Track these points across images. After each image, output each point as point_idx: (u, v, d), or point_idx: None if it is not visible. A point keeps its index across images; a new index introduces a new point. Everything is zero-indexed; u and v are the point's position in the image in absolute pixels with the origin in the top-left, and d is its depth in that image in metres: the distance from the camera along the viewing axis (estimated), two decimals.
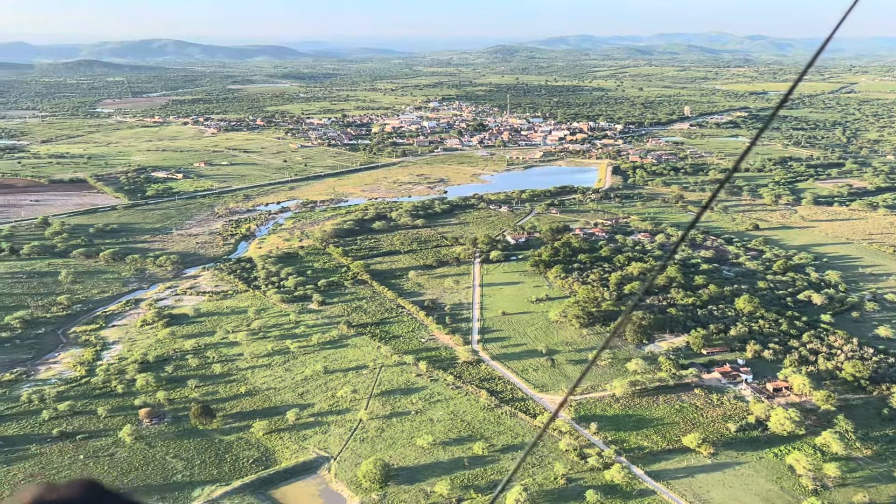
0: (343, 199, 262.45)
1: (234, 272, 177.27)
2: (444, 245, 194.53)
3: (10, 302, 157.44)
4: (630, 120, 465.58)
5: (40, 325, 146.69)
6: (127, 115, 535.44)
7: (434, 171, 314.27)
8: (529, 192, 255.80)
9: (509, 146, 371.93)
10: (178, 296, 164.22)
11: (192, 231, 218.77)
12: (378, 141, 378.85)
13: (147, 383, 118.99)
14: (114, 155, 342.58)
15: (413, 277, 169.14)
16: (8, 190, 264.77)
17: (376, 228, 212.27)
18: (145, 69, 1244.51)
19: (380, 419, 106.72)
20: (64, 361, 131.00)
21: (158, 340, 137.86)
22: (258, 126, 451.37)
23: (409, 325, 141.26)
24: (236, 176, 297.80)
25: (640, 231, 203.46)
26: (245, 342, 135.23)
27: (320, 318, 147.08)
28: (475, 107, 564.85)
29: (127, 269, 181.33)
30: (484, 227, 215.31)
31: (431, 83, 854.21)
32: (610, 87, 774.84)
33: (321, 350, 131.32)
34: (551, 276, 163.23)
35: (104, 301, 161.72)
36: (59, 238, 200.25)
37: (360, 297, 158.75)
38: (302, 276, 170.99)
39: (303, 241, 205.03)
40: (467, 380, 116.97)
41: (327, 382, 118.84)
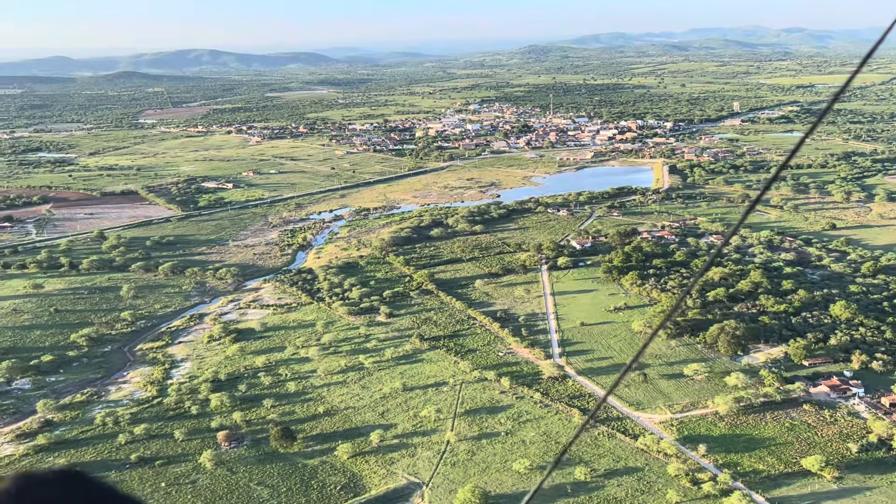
0: (395, 206, 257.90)
1: (295, 284, 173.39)
2: (507, 252, 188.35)
3: (74, 319, 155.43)
4: (678, 117, 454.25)
5: (106, 343, 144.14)
6: (170, 125, 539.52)
7: (484, 174, 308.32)
8: (587, 195, 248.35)
9: (557, 147, 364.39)
10: (242, 309, 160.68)
11: (248, 242, 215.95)
12: (423, 145, 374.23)
13: (222, 403, 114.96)
14: (162, 166, 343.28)
15: (480, 286, 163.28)
16: (62, 203, 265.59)
17: (434, 236, 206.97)
18: (183, 79, 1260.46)
19: (468, 441, 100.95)
20: (134, 381, 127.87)
21: (228, 357, 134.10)
22: (301, 133, 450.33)
23: (483, 338, 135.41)
24: (286, 184, 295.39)
25: (711, 233, 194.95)
26: (317, 358, 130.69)
27: (390, 331, 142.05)
28: (516, 108, 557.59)
29: (187, 282, 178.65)
30: (545, 231, 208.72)
31: (468, 85, 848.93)
32: (651, 84, 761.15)
33: (396, 365, 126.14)
34: (626, 284, 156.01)
35: (167, 316, 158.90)
36: (116, 252, 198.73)
37: (428, 308, 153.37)
38: (365, 286, 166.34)
39: (360, 249, 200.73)
40: (555, 397, 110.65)
41: (407, 401, 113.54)
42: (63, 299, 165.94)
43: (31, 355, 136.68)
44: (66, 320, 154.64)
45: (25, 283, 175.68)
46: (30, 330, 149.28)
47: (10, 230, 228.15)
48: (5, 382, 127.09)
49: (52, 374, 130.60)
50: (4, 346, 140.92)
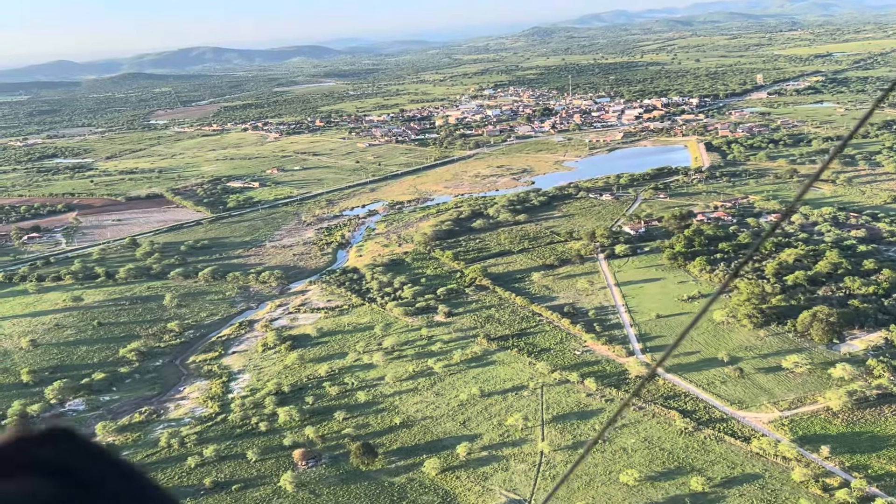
0: (429, 198, 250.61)
1: (343, 285, 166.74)
2: (558, 241, 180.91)
3: (119, 332, 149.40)
4: (702, 93, 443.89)
5: (156, 356, 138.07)
6: (183, 124, 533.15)
7: (513, 160, 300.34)
8: (627, 177, 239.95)
9: (584, 129, 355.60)
10: (292, 314, 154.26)
11: (285, 242, 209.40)
12: (446, 134, 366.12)
13: (291, 418, 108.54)
14: (183, 167, 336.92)
15: (538, 279, 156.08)
16: (88, 210, 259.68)
17: (477, 227, 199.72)
18: (188, 78, 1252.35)
19: (564, 451, 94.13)
20: (192, 397, 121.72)
21: (287, 367, 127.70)
22: (318, 127, 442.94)
23: (554, 336, 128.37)
24: (312, 181, 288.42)
25: (768, 212, 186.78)
26: (382, 364, 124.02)
27: (452, 331, 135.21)
28: (532, 91, 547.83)
29: (230, 287, 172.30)
30: (591, 218, 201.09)
31: (477, 70, 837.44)
32: (665, 61, 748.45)
33: (468, 369, 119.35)
34: (695, 270, 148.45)
35: (215, 325, 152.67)
36: (151, 259, 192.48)
37: (487, 304, 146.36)
38: (416, 284, 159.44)
39: (402, 245, 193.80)
40: (648, 398, 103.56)
41: (488, 408, 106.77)
42: (105, 311, 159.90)
43: (81, 373, 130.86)
44: (111, 334, 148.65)
45: (64, 295, 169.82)
46: (75, 346, 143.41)
47: (39, 240, 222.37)
48: (59, 404, 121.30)
49: (106, 393, 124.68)
50: (52, 365, 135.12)
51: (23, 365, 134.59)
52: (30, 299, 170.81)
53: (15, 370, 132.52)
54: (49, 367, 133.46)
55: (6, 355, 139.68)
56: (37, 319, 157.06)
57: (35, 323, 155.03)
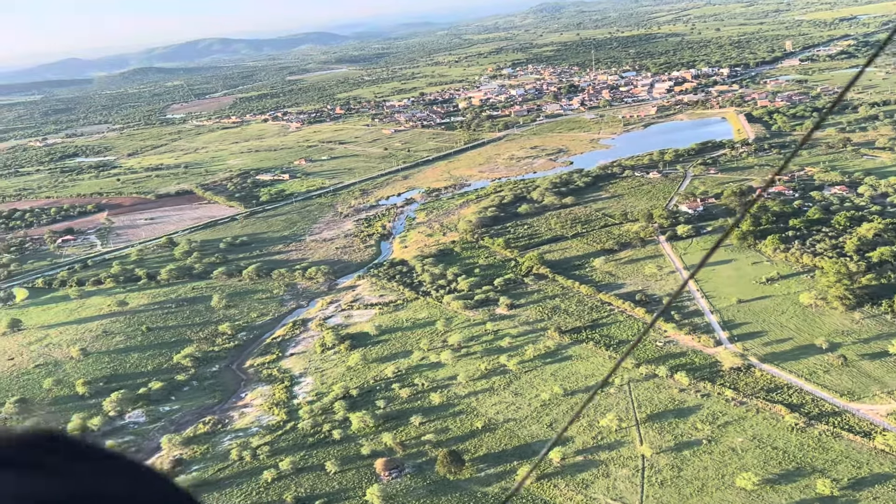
0: (465, 183, 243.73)
1: (393, 278, 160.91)
2: (612, 223, 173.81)
3: (169, 337, 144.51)
4: (731, 62, 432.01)
5: (212, 361, 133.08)
6: (201, 118, 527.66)
7: (546, 141, 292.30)
8: (672, 153, 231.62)
9: (615, 105, 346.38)
10: (345, 311, 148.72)
11: (325, 235, 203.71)
12: (472, 116, 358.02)
13: (365, 425, 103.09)
14: (208, 161, 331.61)
15: (600, 266, 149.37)
16: (118, 210, 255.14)
17: (523, 212, 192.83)
18: (198, 70, 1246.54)
19: (667, 453, 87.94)
20: (255, 404, 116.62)
21: (351, 368, 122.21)
22: (339, 115, 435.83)
23: (629, 326, 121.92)
24: (342, 170, 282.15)
25: (832, 184, 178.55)
26: (450, 362, 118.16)
27: (518, 324, 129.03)
28: (552, 68, 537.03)
29: (276, 285, 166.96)
30: (642, 198, 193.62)
31: (491, 50, 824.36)
32: (684, 32, 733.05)
33: (543, 365, 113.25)
34: (767, 250, 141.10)
35: (267, 325, 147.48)
36: (191, 258, 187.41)
37: (550, 294, 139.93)
38: (470, 275, 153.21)
39: (447, 234, 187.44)
40: (747, 392, 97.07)
41: (573, 407, 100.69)
42: (152, 315, 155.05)
43: (137, 382, 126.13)
44: (161, 339, 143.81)
45: (108, 300, 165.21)
46: (126, 353, 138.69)
47: (74, 243, 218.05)
48: (118, 416, 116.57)
49: (165, 403, 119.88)
50: (105, 374, 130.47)
51: (76, 375, 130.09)
52: (72, 305, 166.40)
53: (69, 381, 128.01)
54: (103, 377, 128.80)
55: (57, 366, 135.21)
56: (83, 326, 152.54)
57: (82, 330, 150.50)
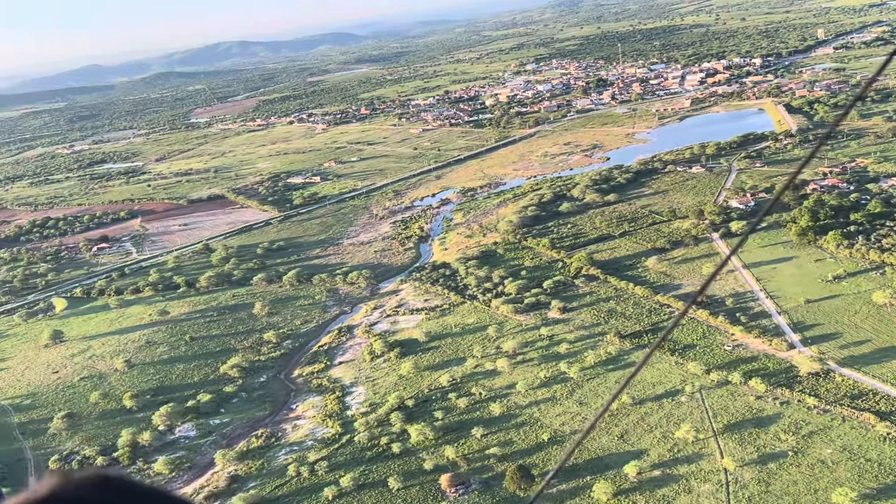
0: (500, 182, 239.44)
1: (436, 282, 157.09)
2: (661, 221, 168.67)
3: (214, 346, 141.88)
4: (761, 52, 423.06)
5: (259, 371, 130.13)
6: (225, 121, 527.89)
7: (580, 136, 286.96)
8: (713, 146, 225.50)
9: (647, 98, 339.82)
10: (391, 317, 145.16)
11: (362, 238, 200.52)
12: (501, 113, 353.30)
13: (424, 437, 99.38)
14: (237, 165, 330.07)
15: (653, 265, 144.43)
16: (152, 216, 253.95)
17: (564, 211, 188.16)
18: (218, 74, 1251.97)
19: (751, 467, 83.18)
20: (307, 415, 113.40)
21: (403, 377, 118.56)
22: (364, 115, 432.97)
23: (693, 329, 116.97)
24: (374, 171, 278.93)
25: (886, 175, 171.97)
26: (507, 370, 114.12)
27: (573, 329, 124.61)
28: (577, 62, 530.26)
29: (317, 291, 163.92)
30: (687, 193, 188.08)
31: (512, 46, 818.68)
32: (708, 22, 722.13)
33: (606, 372, 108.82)
34: (829, 246, 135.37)
35: (312, 333, 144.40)
36: (229, 265, 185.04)
37: (604, 297, 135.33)
38: (517, 278, 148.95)
39: (487, 235, 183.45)
40: (829, 399, 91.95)
41: (644, 417, 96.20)
42: (194, 324, 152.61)
43: (185, 395, 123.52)
44: (205, 349, 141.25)
45: (148, 309, 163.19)
46: (171, 364, 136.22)
47: (110, 251, 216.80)
48: (168, 430, 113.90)
49: (215, 416, 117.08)
50: (151, 387, 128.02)
51: (122, 388, 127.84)
52: (112, 315, 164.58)
53: (115, 395, 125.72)
54: (149, 390, 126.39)
55: (102, 378, 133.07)
56: (125, 337, 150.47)
57: (124, 341, 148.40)
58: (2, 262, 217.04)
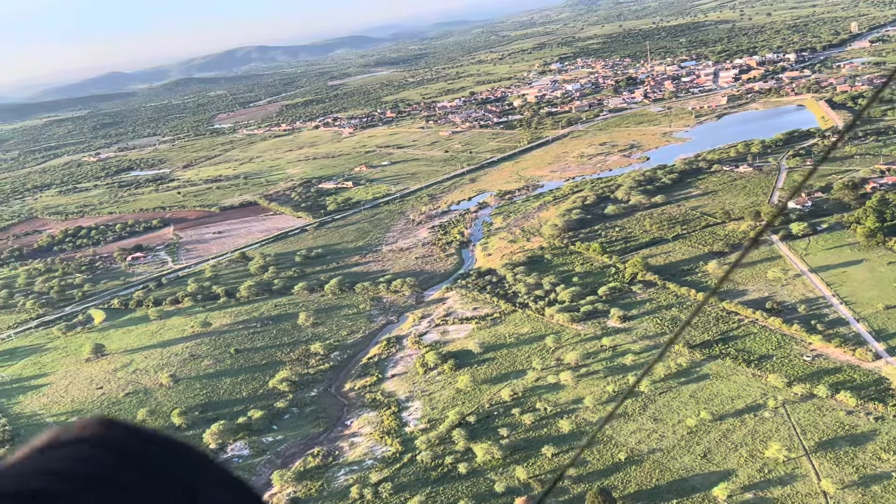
0: (537, 184, 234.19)
1: (483, 289, 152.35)
2: (714, 223, 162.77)
3: (260, 359, 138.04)
4: (794, 47, 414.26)
5: (309, 385, 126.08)
6: (250, 127, 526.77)
7: (615, 136, 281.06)
8: (758, 144, 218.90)
9: (681, 96, 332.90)
10: (440, 327, 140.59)
11: (400, 244, 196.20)
12: (531, 114, 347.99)
13: (491, 457, 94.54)
14: (267, 171, 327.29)
15: (713, 270, 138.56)
16: (184, 224, 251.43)
17: (611, 214, 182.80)
18: (238, 79, 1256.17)
19: (853, 489, 77.60)
20: (364, 432, 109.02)
21: (460, 391, 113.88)
22: (390, 118, 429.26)
23: (766, 339, 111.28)
24: (406, 175, 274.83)
25: None
26: (571, 383, 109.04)
27: (637, 338, 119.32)
28: (603, 61, 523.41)
29: (361, 300, 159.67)
30: (738, 194, 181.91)
31: (534, 45, 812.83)
32: (733, 18, 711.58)
33: (679, 386, 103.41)
34: None
35: (359, 344, 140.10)
36: (268, 273, 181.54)
37: (664, 304, 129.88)
38: (569, 284, 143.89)
39: (531, 240, 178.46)
40: None
41: (727, 435, 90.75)
42: (237, 336, 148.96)
43: (234, 411, 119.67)
44: (251, 362, 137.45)
45: (189, 320, 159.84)
46: (217, 378, 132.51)
47: (145, 261, 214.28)
48: (220, 448, 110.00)
49: (267, 433, 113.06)
50: (199, 402, 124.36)
51: (169, 404, 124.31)
52: (153, 327, 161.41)
53: (162, 411, 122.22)
54: (198, 406, 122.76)
55: (148, 394, 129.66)
56: (167, 350, 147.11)
57: (167, 354, 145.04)
58: (36, 273, 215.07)
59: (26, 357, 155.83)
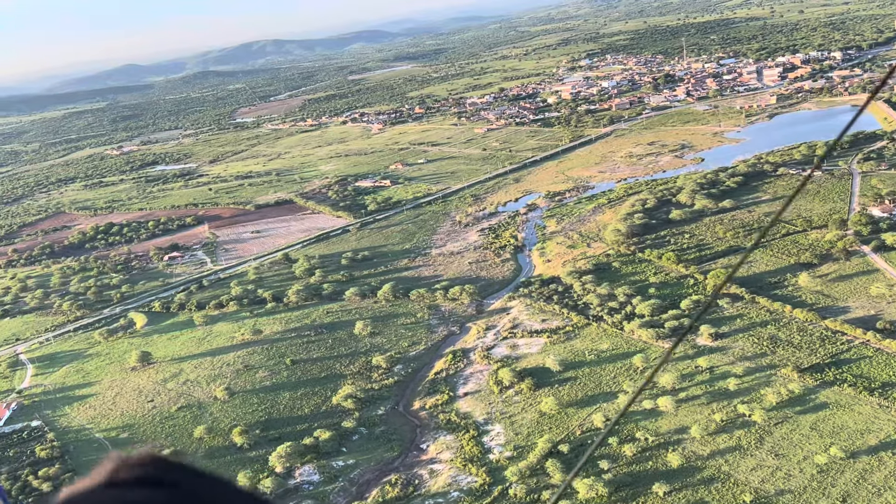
0: (587, 185, 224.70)
1: (549, 299, 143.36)
2: (795, 231, 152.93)
3: (318, 372, 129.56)
4: (836, 46, 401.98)
5: (375, 402, 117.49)
6: (274, 121, 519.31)
7: (662, 136, 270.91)
8: (822, 146, 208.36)
9: (726, 95, 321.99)
10: (508, 339, 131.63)
11: (450, 248, 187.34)
12: (569, 111, 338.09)
13: (595, 493, 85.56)
14: (298, 167, 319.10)
15: (806, 284, 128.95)
16: (219, 222, 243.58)
17: (677, 219, 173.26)
18: (255, 72, 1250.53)
19: None
20: (443, 458, 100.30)
21: (544, 415, 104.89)
22: (420, 115, 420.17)
23: (884, 363, 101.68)
24: (445, 174, 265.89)
25: None
26: (670, 409, 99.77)
27: (735, 359, 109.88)
28: (635, 57, 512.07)
29: (418, 308, 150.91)
30: (812, 200, 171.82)
31: (557, 41, 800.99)
32: (763, 15, 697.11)
33: (795, 415, 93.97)
34: None
35: (422, 357, 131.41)
36: (315, 277, 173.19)
37: (757, 321, 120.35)
38: (646, 297, 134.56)
39: (591, 245, 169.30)
40: None
41: (865, 476, 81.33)
42: (291, 345, 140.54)
43: (297, 429, 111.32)
44: (309, 374, 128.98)
45: (237, 327, 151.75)
46: (275, 392, 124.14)
47: (182, 260, 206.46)
48: (286, 473, 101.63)
49: (337, 456, 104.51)
50: (259, 419, 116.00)
51: (226, 420, 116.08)
52: (199, 333, 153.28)
53: (220, 428, 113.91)
54: (257, 423, 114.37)
55: (202, 408, 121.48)
56: (218, 359, 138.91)
57: (218, 363, 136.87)
58: (71, 272, 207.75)
59: (68, 363, 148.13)
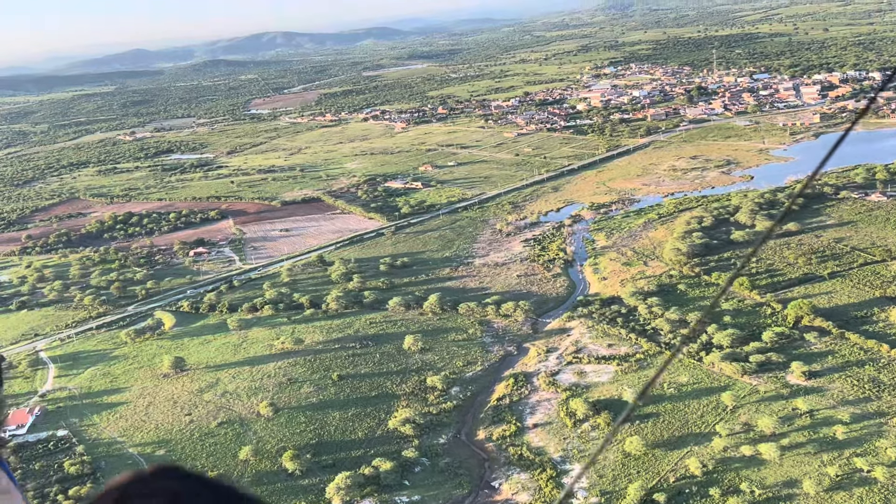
0: (632, 198, 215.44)
1: (613, 321, 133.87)
2: (874, 261, 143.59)
3: (368, 389, 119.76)
4: (871, 66, 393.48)
5: (435, 430, 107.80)
6: (290, 114, 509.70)
7: (704, 150, 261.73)
8: (882, 169, 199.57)
9: (765, 110, 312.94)
10: (573, 365, 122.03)
11: (494, 258, 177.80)
12: (602, 120, 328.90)
13: None
14: (323, 164, 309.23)
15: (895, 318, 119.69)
16: (244, 218, 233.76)
17: (739, 240, 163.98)
18: (266, 64, 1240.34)
19: None
20: (521, 501, 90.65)
21: (630, 456, 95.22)
22: (443, 115, 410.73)
23: None
24: (478, 179, 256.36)
25: None
26: (774, 458, 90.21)
27: (835, 402, 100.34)
28: (661, 68, 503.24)
29: (468, 323, 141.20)
30: (881, 225, 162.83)
31: (577, 48, 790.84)
32: (787, 32, 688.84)
33: None
34: None
35: (479, 379, 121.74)
36: (353, 282, 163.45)
37: (852, 359, 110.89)
38: (722, 325, 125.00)
39: (648, 264, 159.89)
40: None
41: None
42: (336, 358, 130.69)
43: (353, 456, 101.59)
44: (358, 392, 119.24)
45: (275, 334, 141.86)
46: (324, 411, 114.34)
47: (209, 257, 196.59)
48: None
49: (400, 490, 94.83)
50: (309, 442, 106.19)
51: (272, 441, 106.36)
52: (234, 339, 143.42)
53: (267, 450, 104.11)
54: (308, 446, 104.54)
55: (245, 426, 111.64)
56: (257, 369, 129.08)
57: (258, 375, 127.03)
58: (90, 263, 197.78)
59: (93, 365, 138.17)
